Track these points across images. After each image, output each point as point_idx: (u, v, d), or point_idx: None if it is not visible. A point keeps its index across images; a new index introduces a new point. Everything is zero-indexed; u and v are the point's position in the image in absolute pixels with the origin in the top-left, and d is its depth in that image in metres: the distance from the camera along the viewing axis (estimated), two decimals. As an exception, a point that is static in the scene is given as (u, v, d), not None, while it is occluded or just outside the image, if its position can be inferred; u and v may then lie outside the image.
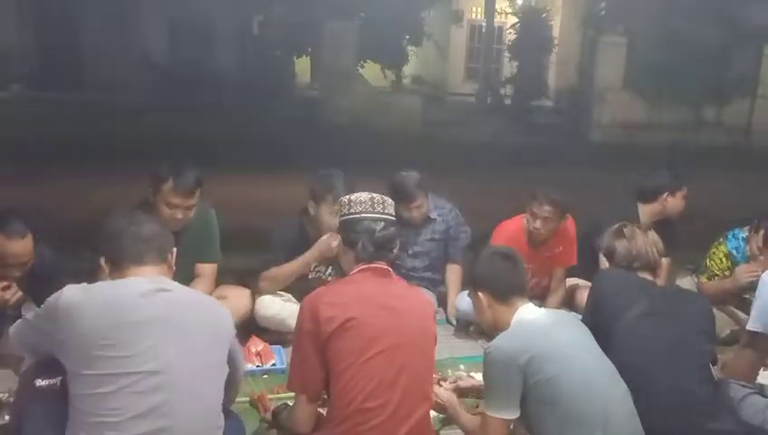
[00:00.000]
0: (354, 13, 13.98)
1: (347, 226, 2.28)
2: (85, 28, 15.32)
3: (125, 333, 1.83)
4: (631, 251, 2.64)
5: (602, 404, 2.12)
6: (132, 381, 1.80)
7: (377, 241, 2.22)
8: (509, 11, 17.59)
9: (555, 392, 2.10)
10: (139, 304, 1.88)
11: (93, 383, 1.80)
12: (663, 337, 2.39)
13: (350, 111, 11.88)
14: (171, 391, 1.83)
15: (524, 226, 3.66)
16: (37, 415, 1.90)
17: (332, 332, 2.06)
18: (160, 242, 2.05)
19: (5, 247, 2.63)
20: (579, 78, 14.81)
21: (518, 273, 2.35)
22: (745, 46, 12.83)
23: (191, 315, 1.96)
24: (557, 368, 2.11)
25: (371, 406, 2.05)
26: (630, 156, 10.14)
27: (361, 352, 2.06)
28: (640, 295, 2.50)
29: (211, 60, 15.23)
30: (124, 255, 2.00)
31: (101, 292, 1.91)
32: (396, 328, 2.13)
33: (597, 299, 2.59)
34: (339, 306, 2.10)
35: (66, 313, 1.84)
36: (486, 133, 12.62)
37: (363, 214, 2.26)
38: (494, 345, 2.18)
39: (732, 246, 3.61)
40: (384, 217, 2.28)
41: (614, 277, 2.65)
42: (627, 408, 2.19)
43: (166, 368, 1.84)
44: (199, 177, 3.07)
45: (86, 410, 1.80)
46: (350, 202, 2.30)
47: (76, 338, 1.82)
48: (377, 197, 2.32)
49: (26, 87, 14.34)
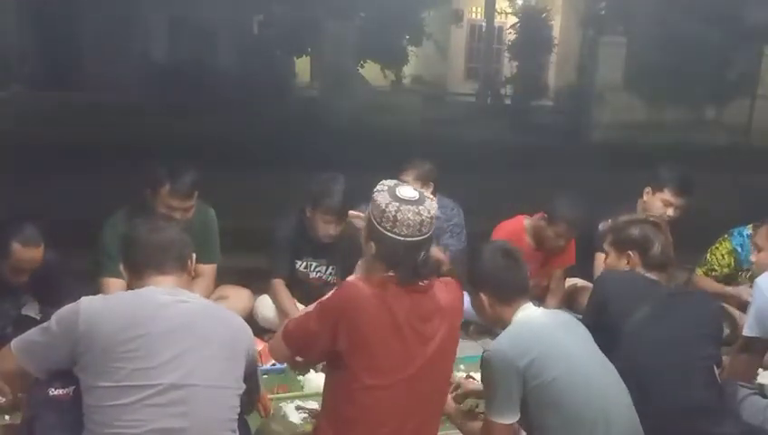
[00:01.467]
0: (354, 13, 13.98)
1: (387, 243, 2.02)
2: (84, 28, 15.31)
3: (144, 345, 1.83)
4: (667, 247, 2.56)
5: (603, 405, 2.11)
6: (151, 393, 1.80)
7: (418, 267, 2.04)
8: (509, 11, 17.57)
9: (556, 395, 2.08)
10: (157, 315, 1.89)
11: (112, 395, 1.80)
12: (669, 340, 2.37)
13: (350, 111, 11.87)
14: (189, 403, 1.84)
15: (525, 226, 3.67)
16: (50, 423, 1.90)
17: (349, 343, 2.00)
18: (180, 249, 2.06)
19: (22, 254, 2.73)
20: (579, 78, 14.80)
21: (520, 271, 2.28)
22: (745, 46, 12.82)
23: (209, 327, 1.96)
24: (558, 371, 2.09)
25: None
26: (630, 156, 10.14)
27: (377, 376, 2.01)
28: (647, 297, 2.45)
29: (211, 59, 15.23)
30: (143, 263, 2.01)
31: (121, 302, 1.92)
32: (418, 357, 2.06)
33: (602, 300, 2.53)
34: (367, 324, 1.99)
35: (86, 325, 1.83)
36: (486, 133, 12.62)
37: (409, 238, 2.00)
38: (493, 348, 2.14)
39: (736, 243, 3.62)
40: (426, 237, 2.05)
41: (620, 278, 2.59)
42: (627, 408, 2.19)
43: (184, 380, 1.84)
44: (196, 179, 3.09)
45: (103, 421, 1.79)
46: (396, 221, 1.99)
47: (95, 349, 1.82)
48: (425, 219, 2.01)
49: (26, 87, 14.34)
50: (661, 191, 3.54)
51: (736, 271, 3.67)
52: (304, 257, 3.46)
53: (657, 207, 3.52)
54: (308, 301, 2.50)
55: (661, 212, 3.44)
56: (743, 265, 3.65)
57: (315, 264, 3.45)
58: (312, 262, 3.46)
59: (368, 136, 9.99)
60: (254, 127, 10.94)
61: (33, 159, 7.26)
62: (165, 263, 2.01)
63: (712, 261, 3.68)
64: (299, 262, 3.46)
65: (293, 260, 3.44)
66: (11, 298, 2.97)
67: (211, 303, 2.15)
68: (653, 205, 3.54)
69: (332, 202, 3.16)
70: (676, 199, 3.52)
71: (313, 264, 3.46)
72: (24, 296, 2.99)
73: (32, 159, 7.23)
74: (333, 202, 3.16)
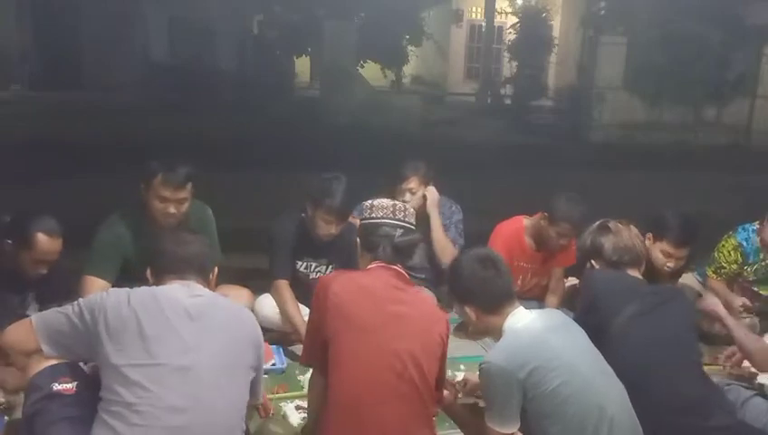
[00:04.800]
0: (354, 13, 14.00)
1: (367, 229, 2.30)
2: (85, 27, 15.32)
3: (164, 329, 1.95)
4: (619, 245, 2.64)
5: (604, 408, 2.10)
6: (163, 373, 1.89)
7: (396, 246, 2.24)
8: (509, 11, 17.59)
9: (557, 404, 2.08)
10: (177, 304, 2.01)
11: (125, 374, 1.87)
12: (657, 337, 2.40)
13: (350, 111, 11.87)
14: (199, 388, 1.92)
15: (524, 226, 3.66)
16: (52, 418, 1.93)
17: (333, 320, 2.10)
18: (201, 262, 2.21)
19: (46, 245, 2.76)
20: (579, 78, 14.80)
21: (503, 279, 2.23)
22: (745, 46, 12.82)
23: (220, 318, 2.07)
24: (558, 378, 2.08)
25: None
26: (630, 156, 10.15)
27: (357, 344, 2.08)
28: (633, 295, 2.50)
29: (211, 59, 15.24)
30: (167, 270, 2.16)
31: (144, 292, 2.05)
32: (399, 333, 2.10)
33: (591, 299, 2.57)
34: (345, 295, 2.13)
35: (113, 308, 1.96)
36: (486, 133, 12.63)
37: (384, 219, 2.28)
38: (491, 362, 2.12)
39: (741, 238, 3.63)
40: (405, 224, 2.29)
41: (606, 277, 2.64)
42: (626, 408, 2.19)
43: (196, 365, 1.93)
44: (190, 172, 3.05)
45: (119, 401, 1.86)
46: (372, 207, 2.33)
47: (119, 331, 1.92)
48: (399, 204, 2.35)
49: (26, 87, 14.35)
50: (661, 241, 3.32)
51: (742, 267, 3.67)
52: (304, 258, 3.45)
53: (657, 257, 3.31)
54: (308, 301, 2.50)
55: (660, 263, 3.31)
56: (748, 259, 3.65)
57: (315, 264, 3.45)
58: (312, 262, 3.45)
59: (367, 136, 10.00)
60: (253, 126, 10.95)
61: (32, 158, 7.28)
62: (186, 272, 2.15)
63: (719, 259, 3.68)
64: (299, 263, 3.45)
65: (294, 261, 3.44)
66: (20, 296, 2.96)
67: (222, 297, 2.24)
68: (653, 254, 3.30)
69: (333, 202, 3.15)
70: (677, 251, 3.31)
71: (313, 264, 3.45)
72: (29, 295, 2.98)
73: (30, 159, 7.25)
74: (334, 202, 3.15)
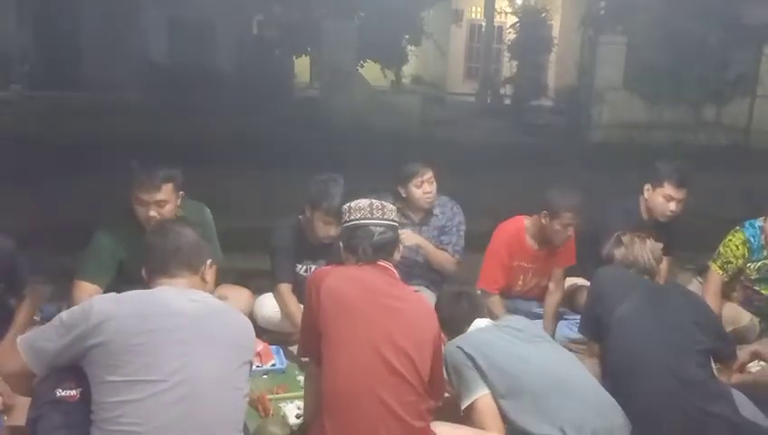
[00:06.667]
0: (354, 13, 13.98)
1: (347, 232, 2.34)
2: (84, 28, 15.32)
3: (153, 341, 1.85)
4: (628, 257, 2.87)
5: (563, 392, 2.31)
6: (158, 390, 1.81)
7: (375, 244, 2.26)
8: (509, 11, 17.57)
9: (515, 387, 2.31)
10: (166, 312, 1.92)
11: (119, 390, 1.81)
12: (659, 323, 2.51)
13: (350, 111, 11.86)
14: (196, 402, 1.85)
15: (525, 226, 3.66)
16: (54, 423, 1.89)
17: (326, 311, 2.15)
18: (189, 254, 2.10)
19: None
20: (578, 78, 14.79)
21: (473, 306, 2.60)
22: (745, 46, 12.82)
23: (216, 326, 1.98)
24: (514, 370, 2.33)
25: None
26: (630, 156, 10.13)
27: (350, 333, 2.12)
28: (636, 287, 2.71)
29: (211, 59, 15.23)
30: (153, 268, 2.07)
31: (131, 299, 1.95)
32: (391, 324, 2.15)
33: (597, 292, 2.84)
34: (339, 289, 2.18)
35: (98, 318, 1.86)
36: (486, 133, 12.63)
37: (362, 220, 2.31)
38: (448, 351, 2.40)
39: (749, 234, 3.62)
40: (383, 222, 2.31)
41: (612, 273, 2.88)
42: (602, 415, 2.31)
43: (192, 378, 1.86)
44: (169, 173, 2.98)
45: (109, 417, 1.80)
46: (350, 209, 2.36)
47: (106, 342, 1.83)
48: (376, 203, 2.36)
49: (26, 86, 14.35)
50: (661, 187, 3.59)
51: (746, 263, 3.66)
52: (304, 261, 3.45)
53: (659, 202, 3.60)
54: (309, 302, 2.52)
55: (663, 208, 3.58)
56: (753, 256, 3.64)
57: (315, 266, 3.44)
58: (312, 265, 3.45)
59: (367, 135, 9.99)
60: (253, 126, 10.93)
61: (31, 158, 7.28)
62: (171, 266, 2.06)
63: (726, 253, 3.64)
64: (299, 266, 3.45)
65: (294, 265, 3.44)
66: None
67: (219, 302, 2.16)
68: (655, 201, 3.62)
69: (332, 204, 3.15)
70: (677, 193, 3.58)
71: (313, 267, 3.44)
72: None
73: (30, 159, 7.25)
74: (333, 204, 3.15)
